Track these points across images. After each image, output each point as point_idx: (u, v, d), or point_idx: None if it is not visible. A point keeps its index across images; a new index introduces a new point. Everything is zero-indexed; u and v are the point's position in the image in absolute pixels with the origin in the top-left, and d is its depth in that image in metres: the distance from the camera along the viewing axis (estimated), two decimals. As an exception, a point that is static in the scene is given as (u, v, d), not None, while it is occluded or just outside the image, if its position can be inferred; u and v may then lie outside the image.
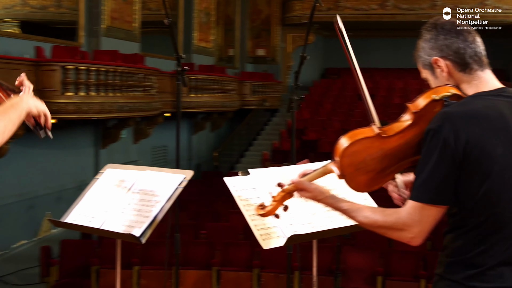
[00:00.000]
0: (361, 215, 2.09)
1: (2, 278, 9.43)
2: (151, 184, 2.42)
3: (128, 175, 2.50)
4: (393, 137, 2.06)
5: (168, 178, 2.43)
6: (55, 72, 9.11)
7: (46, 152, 10.85)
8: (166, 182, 2.40)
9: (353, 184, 2.11)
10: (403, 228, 1.98)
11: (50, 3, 16.92)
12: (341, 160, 2.06)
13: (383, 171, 2.09)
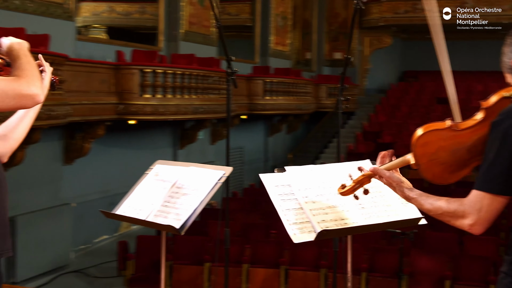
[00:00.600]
0: (427, 202, 2.16)
1: (84, 270, 9.81)
2: (193, 180, 2.53)
3: (174, 171, 2.62)
4: (465, 131, 2.12)
5: (209, 174, 2.53)
6: (134, 75, 9.41)
7: (126, 152, 11.20)
8: (206, 178, 2.50)
9: (428, 175, 2.19)
10: (463, 216, 2.04)
11: (134, 10, 17.45)
12: (414, 150, 2.17)
13: (457, 164, 2.16)
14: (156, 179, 2.64)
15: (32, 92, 2.06)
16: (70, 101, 8.11)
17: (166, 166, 2.72)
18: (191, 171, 2.58)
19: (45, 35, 7.81)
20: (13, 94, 2.05)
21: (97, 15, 17.75)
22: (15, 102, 2.07)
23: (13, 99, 2.06)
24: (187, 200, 2.45)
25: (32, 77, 2.12)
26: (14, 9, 8.21)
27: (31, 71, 2.15)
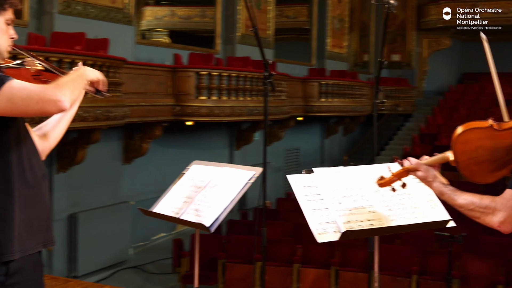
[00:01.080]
0: (461, 197, 2.17)
1: (141, 266, 10.00)
2: (225, 179, 2.58)
3: (208, 171, 2.68)
4: (506, 131, 2.10)
5: (240, 174, 2.57)
6: (190, 78, 9.55)
7: (183, 152, 11.35)
8: (237, 178, 2.54)
9: (466, 172, 2.19)
10: (493, 212, 2.04)
11: (194, 14, 17.66)
12: (454, 147, 2.17)
13: (496, 164, 2.14)
14: (192, 179, 2.71)
15: (56, 97, 2.09)
16: (128, 103, 8.30)
17: (201, 166, 2.79)
18: (224, 172, 2.64)
19: (105, 39, 8.03)
20: (37, 98, 2.09)
21: (159, 19, 18.03)
22: (39, 107, 2.10)
23: (36, 103, 2.09)
24: (218, 199, 2.50)
25: (62, 85, 2.16)
26: (77, 15, 8.47)
27: (65, 81, 2.20)
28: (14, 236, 2.18)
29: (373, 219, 2.53)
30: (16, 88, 2.08)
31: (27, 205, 2.25)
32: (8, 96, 2.07)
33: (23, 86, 2.10)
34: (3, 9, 2.30)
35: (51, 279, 5.22)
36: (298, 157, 15.91)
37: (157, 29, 17.98)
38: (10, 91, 2.08)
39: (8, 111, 2.10)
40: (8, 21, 2.33)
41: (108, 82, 7.48)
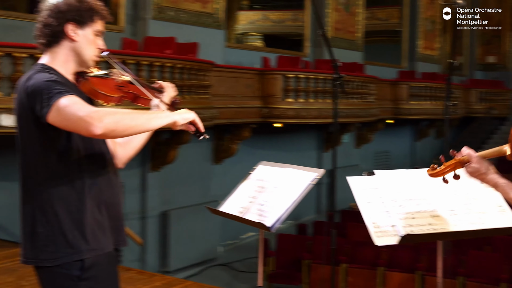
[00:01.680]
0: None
1: (230, 264, 10.11)
2: (288, 181, 2.54)
3: (273, 172, 2.67)
4: None
5: (303, 175, 2.53)
6: (277, 80, 9.57)
7: (271, 153, 11.36)
8: (300, 179, 2.50)
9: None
10: None
11: (287, 17, 17.70)
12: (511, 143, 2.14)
13: None
14: (257, 179, 2.70)
15: (91, 121, 2.10)
16: (217, 105, 8.40)
17: (267, 167, 2.77)
18: (288, 173, 2.61)
19: (194, 43, 8.18)
20: (75, 118, 2.13)
21: (252, 23, 18.20)
22: (74, 126, 2.15)
23: (73, 122, 2.14)
24: (281, 200, 2.48)
25: (110, 113, 2.16)
26: (169, 20, 8.68)
27: (119, 111, 2.20)
28: (87, 236, 2.27)
29: (436, 223, 2.42)
30: (67, 105, 2.15)
31: (99, 207, 2.33)
32: (59, 111, 2.15)
33: (74, 103, 2.16)
34: (91, 20, 2.39)
35: (138, 273, 5.38)
36: (388, 160, 15.58)
37: (250, 33, 18.17)
38: (62, 106, 2.15)
39: (61, 124, 2.18)
40: (96, 33, 2.41)
41: (196, 84, 7.62)
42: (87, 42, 2.38)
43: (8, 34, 7.12)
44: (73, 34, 2.35)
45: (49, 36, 2.36)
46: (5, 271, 5.17)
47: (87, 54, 2.39)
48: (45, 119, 2.17)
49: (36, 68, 2.35)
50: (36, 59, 5.82)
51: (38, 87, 2.19)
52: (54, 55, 2.38)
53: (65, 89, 2.20)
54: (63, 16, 2.34)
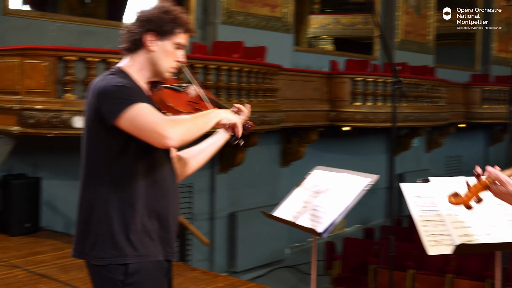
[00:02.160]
0: None
1: (296, 266, 10.05)
2: (342, 186, 2.45)
3: (327, 176, 2.58)
4: None
5: (356, 181, 2.43)
6: (345, 84, 9.45)
7: (340, 157, 11.24)
8: (354, 185, 2.41)
9: None
10: None
11: (358, 21, 17.51)
12: None
13: None
14: (311, 184, 2.62)
15: (164, 133, 2.09)
16: (284, 108, 8.38)
17: (322, 172, 2.69)
18: (342, 178, 2.52)
19: (262, 47, 8.19)
20: (149, 128, 2.12)
21: (323, 27, 18.13)
22: (148, 136, 2.13)
23: (147, 132, 2.13)
24: (333, 205, 2.39)
25: (179, 122, 2.16)
26: (238, 24, 8.73)
27: (185, 119, 2.20)
28: (133, 241, 2.25)
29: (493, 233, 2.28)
30: (138, 113, 2.15)
31: (150, 215, 2.30)
32: (130, 119, 2.15)
33: (145, 113, 2.15)
34: (172, 33, 2.35)
35: (202, 273, 5.42)
36: (460, 165, 15.12)
37: (321, 36, 18.08)
38: (134, 114, 2.15)
39: (131, 132, 2.18)
40: (177, 45, 2.38)
41: (263, 88, 7.62)
42: (165, 54, 2.35)
43: (83, 40, 7.34)
44: (150, 44, 2.34)
45: (129, 42, 2.38)
46: (78, 267, 5.30)
47: (163, 65, 2.37)
48: (112, 122, 2.17)
49: (111, 70, 2.37)
50: (109, 63, 6.00)
51: (109, 90, 2.20)
52: (132, 61, 2.39)
53: (136, 96, 2.20)
54: (144, 25, 2.35)
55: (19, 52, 5.85)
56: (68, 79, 5.81)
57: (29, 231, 6.47)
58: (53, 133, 5.80)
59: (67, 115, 5.76)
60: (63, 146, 7.08)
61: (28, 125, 5.73)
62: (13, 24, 6.80)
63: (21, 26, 6.88)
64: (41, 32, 7.05)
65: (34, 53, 5.82)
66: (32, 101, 5.76)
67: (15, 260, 5.40)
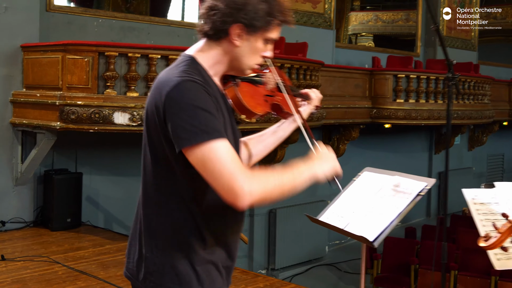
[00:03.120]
0: None
1: (336, 264, 9.84)
2: (395, 190, 2.18)
3: (378, 179, 2.31)
4: None
5: (411, 185, 2.15)
6: (387, 81, 9.16)
7: (381, 154, 10.98)
8: (408, 189, 2.13)
9: None
10: None
11: (398, 17, 17.31)
12: None
13: None
14: (361, 187, 2.34)
15: (240, 191, 1.72)
16: (325, 105, 8.15)
17: (372, 174, 2.39)
18: (395, 181, 2.24)
19: (303, 43, 7.97)
20: (223, 181, 1.74)
21: (364, 24, 18.00)
22: (219, 188, 1.75)
23: (218, 183, 1.75)
24: (385, 211, 2.12)
25: (262, 181, 1.76)
26: (279, 20, 8.51)
27: (270, 178, 1.79)
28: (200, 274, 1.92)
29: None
30: (213, 157, 1.75)
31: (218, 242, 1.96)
32: (202, 159, 1.76)
33: (221, 157, 1.74)
34: (266, 27, 1.92)
35: (241, 272, 5.24)
36: (502, 163, 14.66)
37: (362, 33, 17.89)
38: (207, 155, 1.75)
39: (198, 170, 1.78)
40: (268, 40, 1.96)
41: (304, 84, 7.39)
42: (251, 50, 1.92)
43: (125, 35, 7.24)
44: (236, 38, 1.90)
45: (211, 28, 1.92)
46: (117, 263, 5.20)
47: (246, 63, 1.95)
48: (178, 150, 1.78)
49: (181, 61, 1.92)
50: (150, 59, 5.86)
51: (182, 108, 1.77)
52: (208, 49, 1.95)
53: (216, 126, 1.78)
54: (233, 13, 1.89)
55: (60, 48, 5.76)
56: (109, 74, 5.70)
57: (70, 226, 6.41)
58: (94, 129, 5.69)
59: (108, 111, 5.64)
60: (104, 142, 7.00)
61: (70, 120, 5.63)
62: (56, 20, 6.74)
63: (64, 22, 6.82)
64: (83, 28, 6.97)
65: (75, 49, 5.72)
66: (73, 97, 5.66)
67: (55, 256, 5.33)
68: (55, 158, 6.65)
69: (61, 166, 6.68)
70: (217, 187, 1.74)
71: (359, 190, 2.31)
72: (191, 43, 2.06)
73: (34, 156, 6.17)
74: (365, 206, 2.19)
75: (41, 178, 6.54)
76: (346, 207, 2.26)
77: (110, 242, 5.95)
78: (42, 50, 6.05)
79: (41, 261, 5.18)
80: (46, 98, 5.80)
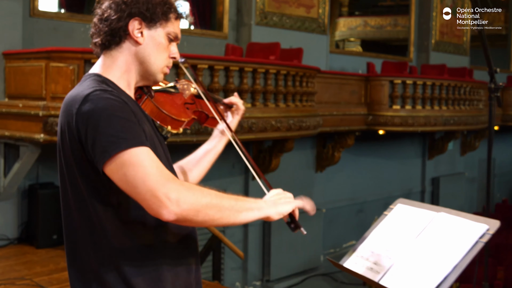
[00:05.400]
0: None
1: (332, 274, 9.37)
2: (445, 232, 1.60)
3: (418, 215, 1.71)
4: None
5: (466, 227, 1.61)
6: (383, 87, 8.71)
7: (375, 161, 10.58)
8: (462, 232, 1.56)
9: None
10: None
11: (387, 23, 17.07)
12: None
13: None
14: (396, 224, 1.77)
15: (165, 202, 1.46)
16: (320, 112, 7.69)
17: (408, 208, 1.80)
18: (441, 220, 1.66)
19: (299, 49, 7.50)
20: (144, 188, 1.47)
21: (352, 29, 17.77)
22: (138, 197, 1.50)
23: (139, 192, 1.48)
24: (435, 261, 1.55)
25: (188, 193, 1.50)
26: (273, 25, 8.08)
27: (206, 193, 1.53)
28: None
29: None
30: (136, 161, 1.49)
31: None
32: (122, 167, 1.50)
33: (147, 163, 1.50)
34: (166, 18, 1.71)
35: None
36: (494, 167, 14.28)
37: (350, 39, 17.60)
38: (129, 160, 1.49)
39: (118, 184, 1.53)
40: (171, 35, 1.73)
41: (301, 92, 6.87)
42: (156, 47, 1.70)
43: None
44: (138, 34, 1.68)
45: (104, 34, 1.68)
46: None
47: (155, 63, 1.71)
48: (100, 168, 1.52)
49: (88, 80, 1.65)
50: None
51: (97, 119, 1.52)
52: (111, 60, 1.70)
53: (136, 133, 1.53)
54: (125, 8, 1.67)
55: (44, 55, 5.24)
56: (96, 83, 5.19)
57: (56, 243, 5.87)
58: (80, 141, 5.17)
59: (94, 122, 5.14)
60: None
61: (54, 133, 5.11)
62: (41, 26, 6.21)
63: (50, 28, 6.29)
64: (70, 34, 6.45)
65: (60, 56, 5.20)
66: (58, 107, 5.13)
67: (39, 278, 4.81)
68: (40, 171, 6.13)
69: (47, 179, 6.15)
70: (138, 196, 1.49)
71: (394, 228, 1.72)
72: (182, 50, 1.66)
73: (17, 169, 5.65)
74: (405, 252, 1.61)
75: (25, 193, 6.02)
76: (378, 251, 1.69)
77: (99, 261, 5.42)
78: (24, 57, 5.53)
79: (23, 284, 4.67)
80: (29, 109, 5.28)
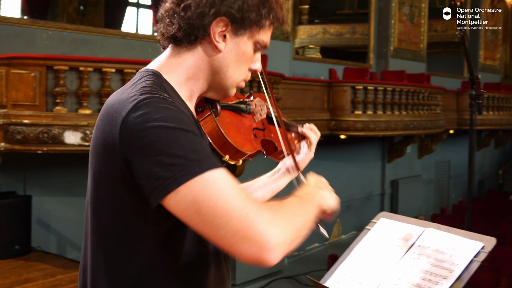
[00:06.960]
0: None
1: (295, 277, 9.26)
2: (435, 250, 1.44)
3: (403, 231, 1.52)
4: None
5: (459, 244, 1.43)
6: (345, 92, 8.67)
7: (337, 165, 10.53)
8: (455, 250, 1.42)
9: None
10: None
11: (346, 30, 17.21)
12: None
13: None
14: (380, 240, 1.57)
15: (266, 242, 1.10)
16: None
17: (393, 222, 1.57)
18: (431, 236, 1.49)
19: (264, 55, 7.37)
20: (235, 229, 1.09)
21: (312, 36, 17.87)
22: (231, 243, 1.11)
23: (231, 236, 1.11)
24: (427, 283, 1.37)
25: (280, 217, 1.15)
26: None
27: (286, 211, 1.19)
28: None
29: None
30: (213, 192, 1.11)
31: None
32: (194, 200, 1.11)
33: (227, 193, 1.12)
34: (260, 25, 1.33)
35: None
36: (449, 169, 14.47)
37: (309, 46, 17.67)
38: (203, 192, 1.11)
39: (192, 224, 1.15)
40: (259, 44, 1.37)
41: (266, 98, 6.69)
42: (239, 57, 1.33)
43: (77, 48, 6.49)
44: (219, 39, 1.30)
45: (181, 28, 1.29)
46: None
47: (232, 77, 1.35)
48: (155, 203, 1.16)
49: (144, 80, 1.26)
50: (104, 73, 5.14)
51: (154, 134, 1.13)
52: (178, 61, 1.32)
53: (208, 152, 1.17)
54: (214, 3, 1.27)
55: (4, 61, 4.98)
56: (59, 90, 4.96)
57: (19, 253, 5.61)
58: (42, 150, 4.94)
59: (57, 129, 4.90)
60: (55, 162, 6.21)
61: (15, 141, 4.87)
62: (2, 32, 5.93)
63: (11, 34, 6.01)
64: (32, 40, 6.18)
65: (21, 63, 4.96)
66: (19, 115, 4.89)
67: (0, 291, 4.55)
68: (1, 181, 5.85)
69: (8, 188, 5.87)
70: (221, 240, 1.11)
71: (379, 244, 1.52)
72: (147, 56, 1.38)
73: (-23, 179, 5.38)
74: (393, 271, 1.44)
75: (-14, 203, 5.73)
76: (362, 269, 1.50)
77: (62, 271, 5.18)
78: (-16, 64, 5.26)
79: (-17, 298, 4.41)
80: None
